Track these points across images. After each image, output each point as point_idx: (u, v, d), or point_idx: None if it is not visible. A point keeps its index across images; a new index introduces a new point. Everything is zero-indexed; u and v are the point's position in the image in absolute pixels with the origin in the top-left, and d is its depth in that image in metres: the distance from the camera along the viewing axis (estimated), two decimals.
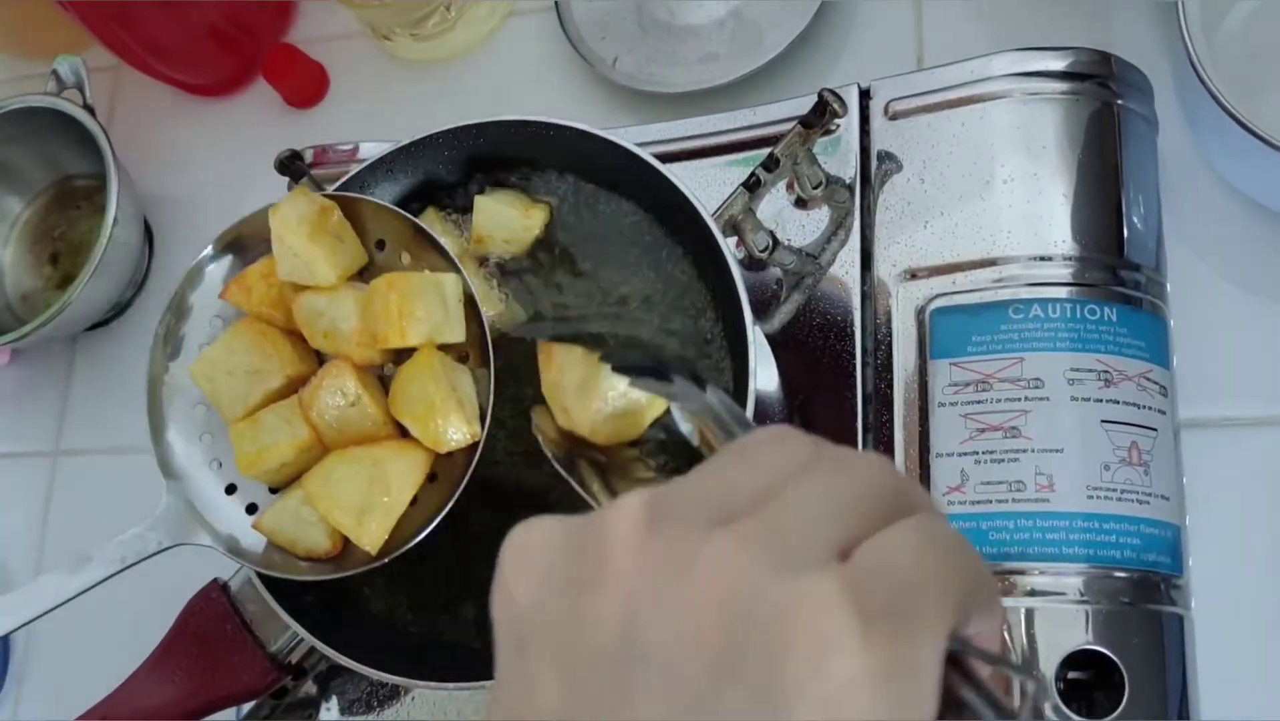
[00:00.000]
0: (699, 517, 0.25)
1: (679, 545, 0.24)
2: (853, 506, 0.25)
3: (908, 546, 0.24)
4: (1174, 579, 0.52)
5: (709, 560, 0.23)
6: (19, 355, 0.82)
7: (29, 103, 0.78)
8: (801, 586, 0.23)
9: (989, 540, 0.52)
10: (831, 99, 0.57)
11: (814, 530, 0.24)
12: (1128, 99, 0.58)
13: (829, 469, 0.26)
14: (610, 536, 0.25)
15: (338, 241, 0.53)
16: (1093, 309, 0.54)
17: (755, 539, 0.24)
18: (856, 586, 0.23)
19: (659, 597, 0.23)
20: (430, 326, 0.51)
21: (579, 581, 0.25)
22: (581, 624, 0.24)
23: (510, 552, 0.27)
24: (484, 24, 0.78)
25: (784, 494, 0.25)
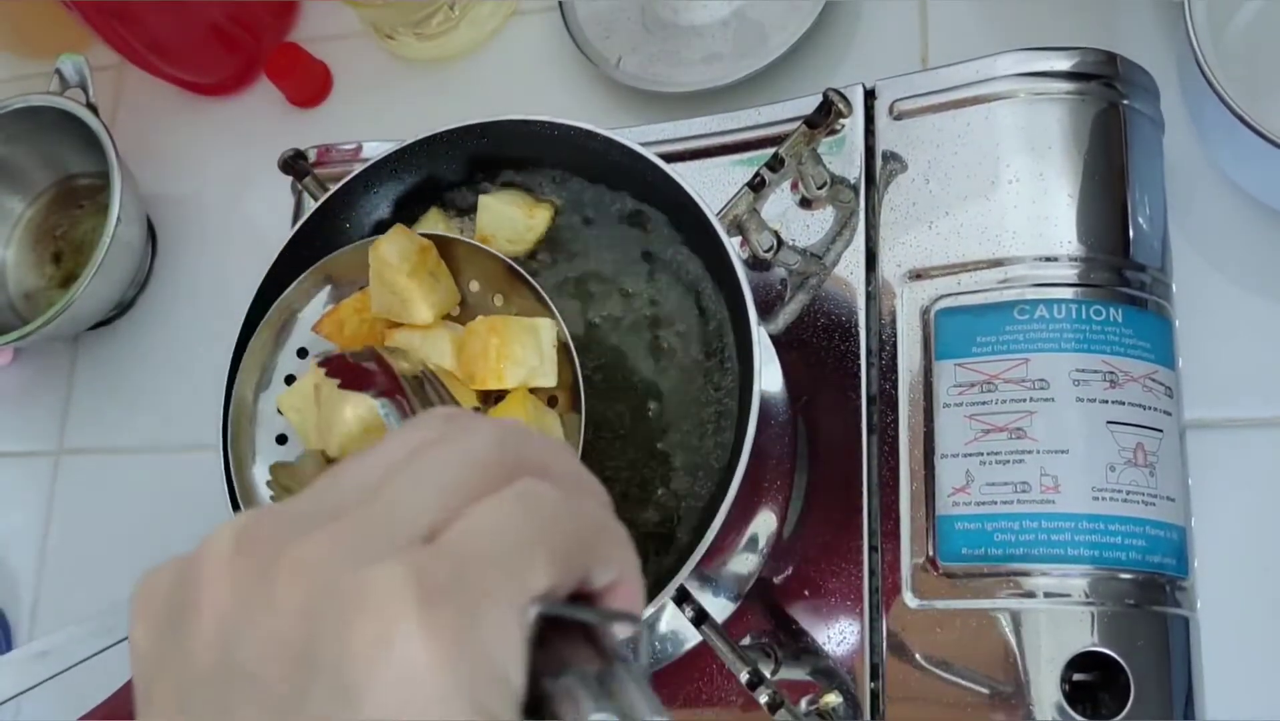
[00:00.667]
0: (293, 527, 0.24)
1: (264, 558, 0.24)
2: (452, 484, 0.25)
3: (486, 518, 0.24)
4: (1179, 580, 0.52)
5: (289, 566, 0.23)
6: (21, 354, 0.82)
7: (32, 101, 0.78)
8: (368, 576, 0.22)
9: (994, 541, 0.52)
10: (836, 99, 0.57)
11: (401, 518, 0.24)
12: (1133, 99, 0.57)
13: (443, 448, 0.25)
14: (203, 563, 0.24)
15: (434, 280, 0.54)
16: (1098, 309, 0.54)
17: (339, 537, 0.23)
18: (421, 568, 0.22)
19: (246, 614, 0.23)
20: (526, 371, 0.51)
21: (180, 615, 0.24)
22: (186, 655, 0.24)
23: (135, 601, 0.26)
24: (487, 23, 0.78)
25: (387, 484, 0.25)
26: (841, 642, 0.55)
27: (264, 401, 0.56)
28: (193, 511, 0.72)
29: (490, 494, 0.25)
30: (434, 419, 0.27)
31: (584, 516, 0.26)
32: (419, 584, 0.22)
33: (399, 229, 0.54)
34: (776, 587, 0.57)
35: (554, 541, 0.24)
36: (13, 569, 0.79)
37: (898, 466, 0.56)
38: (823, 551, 0.56)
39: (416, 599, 0.22)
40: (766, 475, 0.58)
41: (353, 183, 0.58)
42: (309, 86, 0.81)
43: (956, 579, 0.53)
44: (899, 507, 0.55)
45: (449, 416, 0.27)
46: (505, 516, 0.24)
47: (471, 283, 0.55)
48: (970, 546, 0.52)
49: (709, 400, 0.55)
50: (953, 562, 0.53)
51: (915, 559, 0.54)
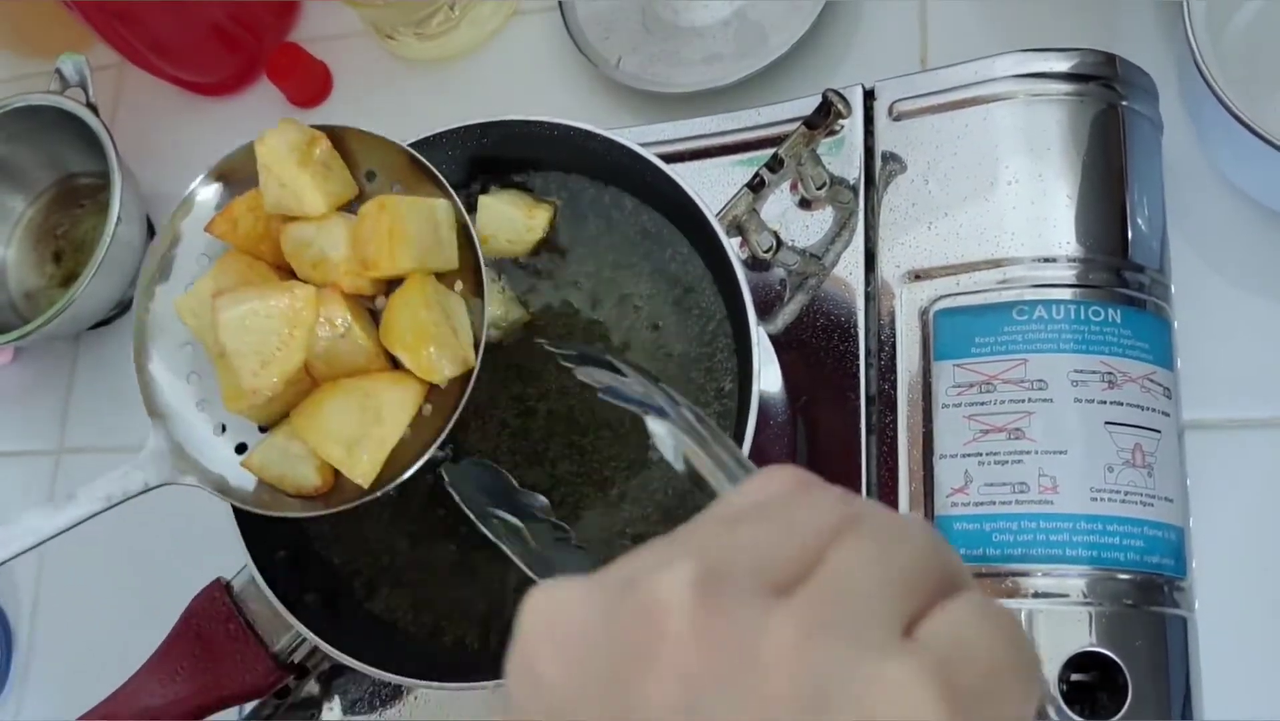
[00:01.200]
0: (749, 589, 0.23)
1: (740, 623, 0.22)
2: (908, 576, 0.24)
3: (975, 625, 0.23)
4: (1177, 581, 0.52)
5: (774, 639, 0.22)
6: (22, 353, 0.82)
7: (32, 101, 0.78)
8: (883, 668, 0.21)
9: (992, 541, 0.52)
10: (836, 100, 0.57)
11: (875, 603, 0.23)
12: (1132, 100, 0.57)
13: (875, 532, 0.24)
14: (661, 611, 0.23)
15: (326, 170, 0.52)
16: (1097, 310, 0.54)
17: (818, 614, 0.22)
18: (938, 668, 0.21)
19: (724, 682, 0.22)
20: (421, 251, 0.50)
21: (628, 664, 0.23)
22: (633, 705, 0.22)
23: (536, 625, 0.24)
24: (488, 23, 0.78)
25: (833, 560, 0.23)
26: None
27: (166, 307, 0.55)
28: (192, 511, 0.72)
29: (948, 597, 0.24)
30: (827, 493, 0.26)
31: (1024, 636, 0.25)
32: (947, 686, 0.21)
33: (287, 120, 0.53)
34: None
35: (1025, 658, 0.24)
36: (13, 568, 0.79)
37: (896, 467, 0.56)
38: None
39: (945, 702, 0.21)
40: None
41: None
42: (309, 86, 0.81)
43: None
44: (898, 507, 0.55)
45: (842, 495, 0.26)
46: (985, 623, 0.23)
47: (370, 174, 0.54)
48: (969, 546, 0.53)
49: (708, 400, 0.55)
50: None
51: None
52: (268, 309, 0.49)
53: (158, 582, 0.67)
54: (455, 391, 0.50)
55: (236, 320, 0.49)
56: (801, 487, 0.26)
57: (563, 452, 0.56)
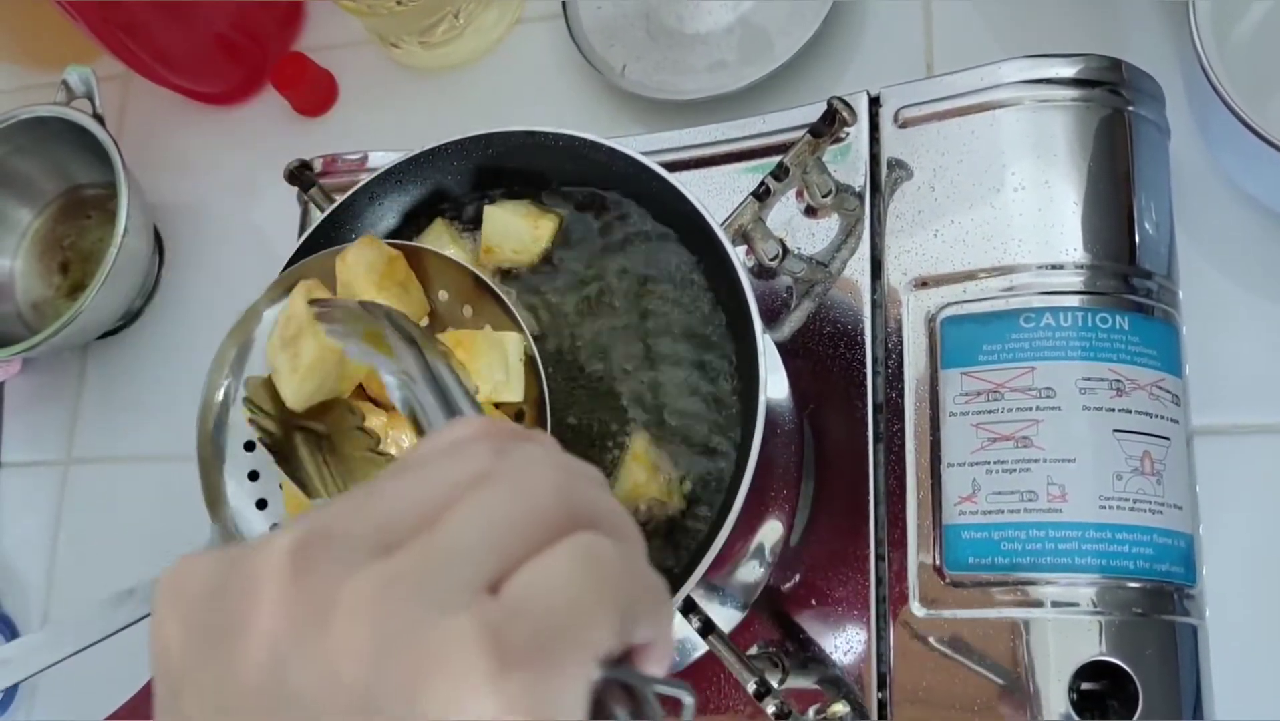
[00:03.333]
0: (348, 553, 0.24)
1: (323, 587, 0.23)
2: (512, 531, 0.24)
3: (555, 575, 0.24)
4: (1187, 589, 0.52)
5: (350, 603, 0.23)
6: (30, 364, 0.82)
7: (38, 112, 0.78)
8: (437, 631, 0.22)
9: (1000, 550, 0.52)
10: (841, 107, 0.57)
11: (463, 563, 0.23)
12: (1139, 106, 0.57)
13: (498, 486, 0.25)
14: (257, 579, 0.24)
15: (403, 291, 0.53)
16: (1104, 317, 0.54)
17: (400, 576, 0.23)
18: (497, 625, 0.22)
19: (302, 643, 0.23)
20: (491, 386, 0.51)
21: (225, 628, 0.24)
22: (227, 675, 0.24)
23: (163, 593, 0.25)
24: (492, 31, 0.78)
25: (444, 519, 0.24)
26: (848, 651, 0.55)
27: (234, 411, 0.55)
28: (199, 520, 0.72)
29: (551, 545, 0.24)
30: (481, 446, 0.26)
31: (636, 574, 0.26)
32: (494, 644, 0.22)
33: (367, 238, 0.53)
34: (784, 596, 0.57)
35: (617, 603, 0.24)
36: (22, 577, 0.79)
37: (904, 475, 0.55)
38: (830, 560, 0.56)
39: (492, 661, 0.22)
40: (773, 484, 0.58)
41: (358, 194, 0.58)
42: (315, 95, 0.81)
43: (963, 588, 0.53)
44: (906, 516, 0.55)
45: (497, 447, 0.26)
46: (572, 575, 0.24)
47: (440, 293, 0.55)
48: (977, 555, 0.52)
49: (715, 407, 0.55)
50: (960, 571, 0.53)
51: (922, 568, 0.54)
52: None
53: None
54: None
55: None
56: (468, 440, 0.27)
57: None
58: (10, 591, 0.79)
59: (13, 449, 0.82)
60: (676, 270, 0.57)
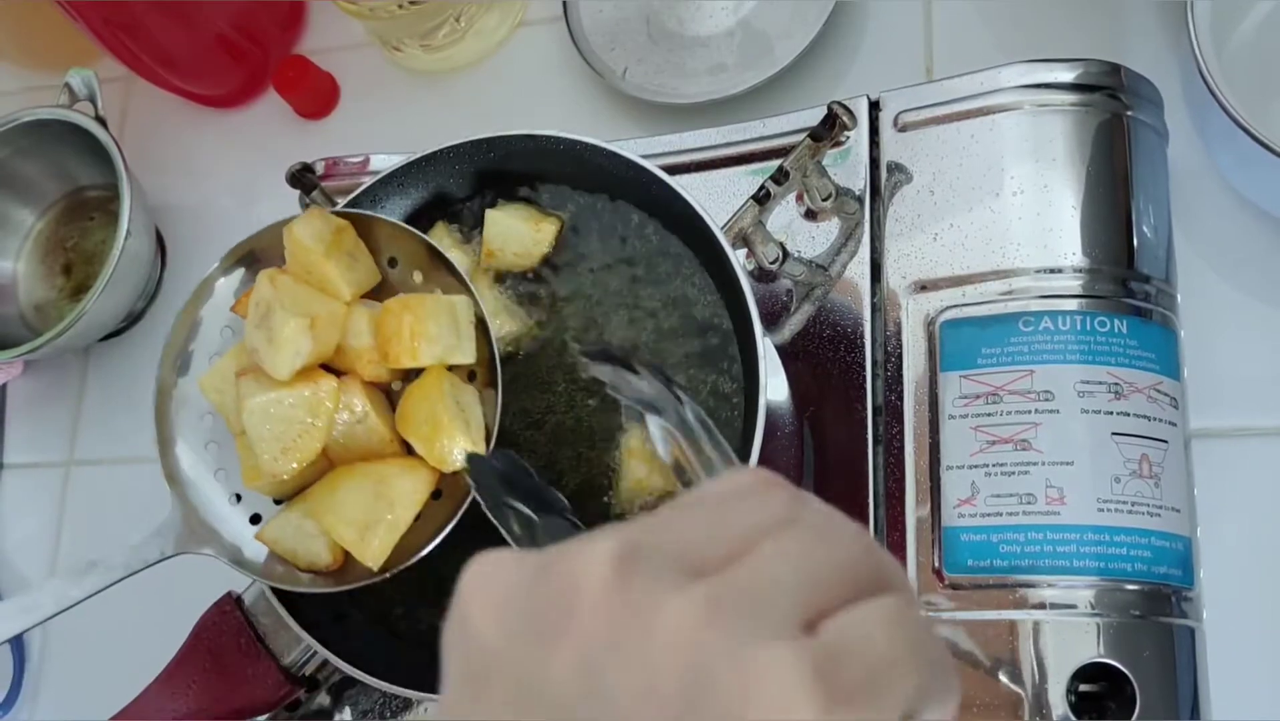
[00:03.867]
0: (669, 569, 0.24)
1: (646, 599, 0.23)
2: (826, 576, 0.24)
3: (876, 628, 0.24)
4: (1185, 591, 0.52)
5: (673, 618, 0.23)
6: (32, 366, 0.83)
7: (40, 115, 0.79)
8: (765, 657, 0.22)
9: (999, 552, 0.52)
10: (841, 112, 0.57)
11: (782, 597, 0.24)
12: (1138, 110, 0.58)
13: (807, 532, 0.25)
14: (579, 582, 0.24)
15: (351, 260, 0.54)
16: (1103, 321, 0.54)
17: (723, 600, 0.23)
18: (821, 663, 0.22)
19: (621, 652, 0.23)
20: (442, 348, 0.52)
21: (544, 626, 0.24)
22: (542, 669, 0.24)
23: (473, 583, 0.26)
24: (494, 34, 0.78)
25: (757, 552, 0.24)
26: None
27: (189, 384, 0.56)
28: None
29: (865, 599, 0.24)
30: (780, 493, 0.26)
31: (941, 646, 0.26)
32: (823, 677, 0.22)
33: (314, 209, 0.54)
34: None
35: (923, 666, 0.24)
36: (25, 578, 0.79)
37: (903, 477, 0.56)
38: None
39: (820, 693, 0.22)
40: None
41: (360, 197, 0.59)
42: (316, 98, 0.81)
43: (962, 590, 0.53)
44: (905, 519, 0.55)
45: (795, 495, 0.27)
46: (888, 628, 0.24)
47: (392, 260, 0.56)
48: (976, 558, 0.53)
49: (715, 411, 0.56)
50: (958, 574, 0.53)
51: (921, 570, 0.54)
52: (291, 398, 0.51)
53: (168, 596, 0.67)
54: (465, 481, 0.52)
55: (260, 408, 0.51)
56: (761, 485, 0.27)
57: (570, 465, 0.56)
58: (13, 592, 0.79)
59: (15, 450, 0.82)
60: (677, 273, 0.57)
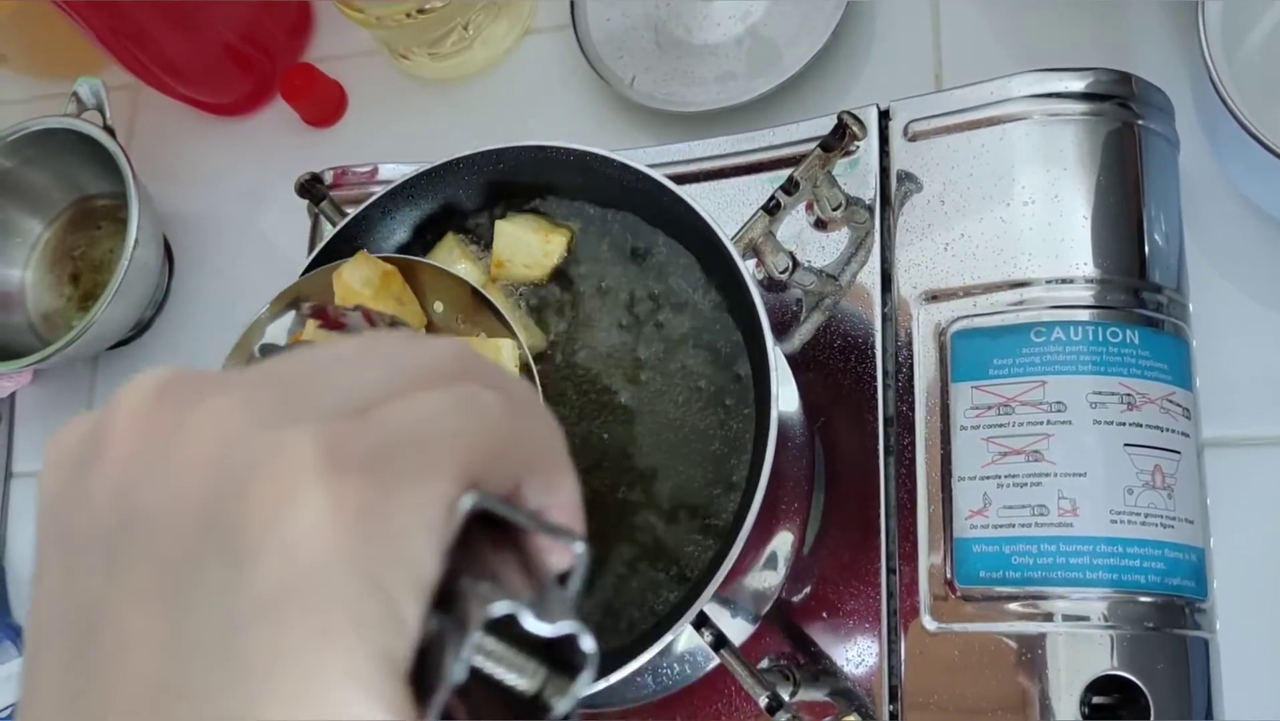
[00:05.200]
0: (218, 384, 0.23)
1: (182, 408, 0.23)
2: (399, 371, 0.24)
3: (423, 405, 0.23)
4: (1198, 602, 0.52)
5: (200, 419, 0.22)
6: (41, 375, 0.83)
7: (48, 124, 0.79)
8: (277, 438, 0.21)
9: (1012, 564, 0.52)
10: (851, 121, 0.57)
11: (336, 389, 0.23)
12: (1148, 119, 0.57)
13: (397, 342, 0.25)
14: (119, 406, 0.23)
15: (398, 304, 0.54)
16: (1115, 331, 0.54)
17: (255, 398, 0.22)
18: (338, 436, 0.21)
19: (152, 462, 0.22)
20: None
21: (85, 458, 0.23)
22: (81, 500, 0.23)
23: (48, 447, 0.25)
24: (501, 43, 0.78)
25: (333, 364, 0.24)
26: (860, 664, 0.55)
27: None
28: None
29: (423, 390, 0.23)
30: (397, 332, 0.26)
31: (526, 431, 0.25)
32: (330, 450, 0.21)
33: (362, 254, 0.54)
34: (794, 609, 0.57)
35: (487, 441, 0.23)
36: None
37: (915, 488, 0.56)
38: (841, 573, 0.57)
39: (325, 464, 0.21)
40: (784, 496, 0.58)
41: (370, 208, 0.59)
42: (323, 106, 0.81)
43: (975, 601, 0.53)
44: (917, 530, 0.55)
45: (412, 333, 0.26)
46: (442, 406, 0.23)
47: (436, 304, 0.56)
48: (988, 569, 0.53)
49: (725, 422, 0.56)
50: (971, 585, 0.53)
51: (933, 581, 0.54)
52: None
53: None
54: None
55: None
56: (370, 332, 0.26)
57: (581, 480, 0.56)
58: (23, 603, 0.79)
59: (24, 459, 0.82)
60: (687, 283, 0.57)
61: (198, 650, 0.21)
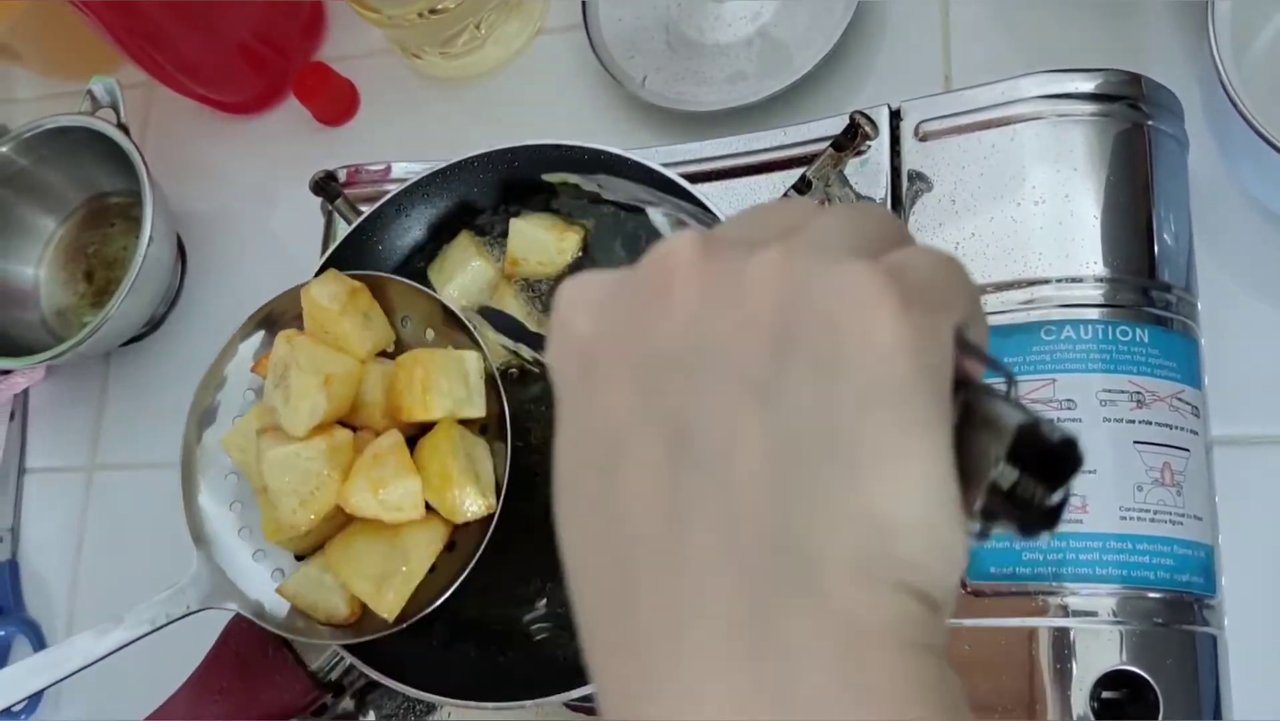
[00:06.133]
0: (745, 242, 0.27)
1: (731, 263, 0.26)
2: (870, 232, 0.28)
3: (925, 258, 0.27)
4: (1207, 599, 0.52)
5: (758, 269, 0.26)
6: (55, 371, 0.83)
7: (63, 122, 0.79)
8: (847, 269, 0.25)
9: (1022, 560, 0.53)
10: (863, 121, 0.57)
11: (843, 243, 0.27)
12: (1158, 120, 0.58)
13: (843, 209, 0.29)
14: (668, 263, 0.27)
15: (366, 319, 0.56)
16: (1124, 330, 0.54)
17: (794, 249, 0.26)
18: (890, 274, 0.25)
19: (720, 300, 0.26)
20: (452, 401, 0.54)
21: (643, 304, 0.27)
22: (649, 333, 0.26)
23: (567, 296, 0.28)
24: (513, 42, 0.79)
25: (809, 225, 0.28)
26: None
27: (215, 444, 0.59)
28: None
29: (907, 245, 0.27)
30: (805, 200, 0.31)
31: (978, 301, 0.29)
32: (898, 283, 0.25)
33: (330, 273, 0.56)
34: None
35: (967, 289, 0.28)
36: (47, 582, 0.80)
37: None
38: None
39: (897, 295, 0.25)
40: None
41: (384, 207, 0.59)
42: (336, 105, 0.82)
43: (985, 597, 0.53)
44: None
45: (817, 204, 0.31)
46: (942, 260, 0.27)
47: (405, 320, 0.58)
48: (998, 565, 0.53)
49: None
50: (981, 581, 0.53)
51: None
52: (309, 451, 0.53)
53: None
54: (478, 531, 0.54)
55: (279, 461, 0.53)
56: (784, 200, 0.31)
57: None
58: (35, 596, 0.79)
59: (37, 455, 0.83)
60: None
61: (800, 441, 0.25)
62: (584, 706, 0.59)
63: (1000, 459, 0.26)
